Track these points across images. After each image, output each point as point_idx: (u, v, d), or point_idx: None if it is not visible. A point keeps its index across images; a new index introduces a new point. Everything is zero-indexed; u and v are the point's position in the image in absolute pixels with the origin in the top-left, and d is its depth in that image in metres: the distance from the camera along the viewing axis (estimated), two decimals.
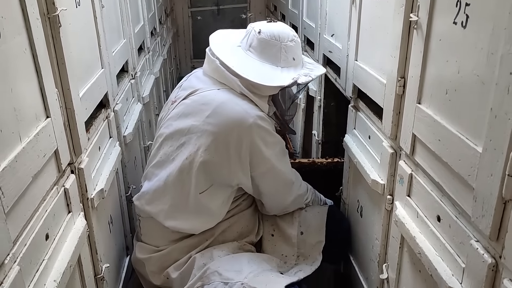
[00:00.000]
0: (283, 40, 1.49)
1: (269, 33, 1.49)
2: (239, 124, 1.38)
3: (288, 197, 1.58)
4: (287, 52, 1.50)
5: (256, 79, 1.43)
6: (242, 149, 1.39)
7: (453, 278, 0.94)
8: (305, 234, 1.58)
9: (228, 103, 1.42)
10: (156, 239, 1.52)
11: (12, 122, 0.85)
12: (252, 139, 1.40)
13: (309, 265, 1.53)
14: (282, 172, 1.52)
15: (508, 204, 0.76)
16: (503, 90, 0.74)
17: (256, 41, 1.50)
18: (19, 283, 0.82)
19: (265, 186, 1.51)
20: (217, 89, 1.48)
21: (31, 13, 0.94)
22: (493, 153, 0.78)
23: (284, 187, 1.56)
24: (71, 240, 1.08)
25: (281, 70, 1.49)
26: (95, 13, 1.43)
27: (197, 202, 1.43)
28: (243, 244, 1.53)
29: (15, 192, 0.83)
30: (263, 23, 1.55)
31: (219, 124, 1.39)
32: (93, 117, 1.38)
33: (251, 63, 1.49)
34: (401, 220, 1.16)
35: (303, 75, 1.50)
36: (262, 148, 1.42)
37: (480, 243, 0.86)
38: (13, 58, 0.88)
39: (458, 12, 0.89)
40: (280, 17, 3.41)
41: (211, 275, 1.38)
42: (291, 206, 1.62)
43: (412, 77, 1.10)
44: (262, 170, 1.46)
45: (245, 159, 1.41)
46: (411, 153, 1.12)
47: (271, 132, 1.45)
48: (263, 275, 1.36)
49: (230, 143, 1.38)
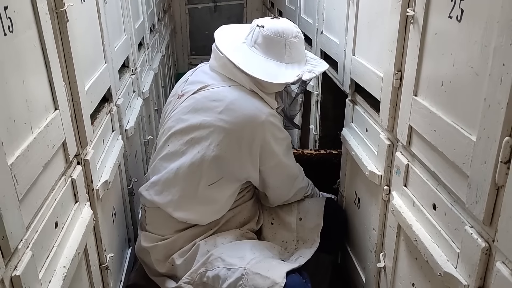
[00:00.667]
0: (287, 37, 1.52)
1: (274, 30, 1.52)
2: (252, 121, 1.43)
3: (292, 189, 1.64)
4: (291, 48, 1.53)
5: (262, 76, 1.46)
6: (254, 144, 1.44)
7: (448, 263, 0.98)
8: (303, 220, 1.63)
9: (241, 101, 1.46)
10: (162, 228, 1.55)
11: (24, 112, 0.88)
12: (264, 135, 1.44)
13: (308, 248, 1.57)
14: (288, 166, 1.58)
15: (500, 189, 0.80)
16: (496, 81, 0.78)
17: (260, 37, 1.53)
18: (32, 267, 0.85)
19: (271, 180, 1.56)
20: (228, 86, 1.51)
21: (40, 8, 0.97)
22: (487, 141, 0.81)
23: (289, 180, 1.62)
24: (79, 228, 1.11)
25: (285, 67, 1.52)
26: (99, 8, 1.46)
27: (206, 193, 1.47)
28: (245, 232, 1.57)
29: (27, 180, 0.86)
30: (267, 19, 1.58)
31: (232, 120, 1.43)
32: (97, 111, 1.41)
33: (256, 60, 1.51)
34: (398, 210, 1.20)
35: (307, 71, 1.53)
36: (272, 144, 1.47)
37: (474, 229, 0.90)
38: (25, 51, 0.91)
39: (453, 7, 0.92)
40: (277, 14, 3.44)
41: (215, 261, 1.41)
42: (292, 198, 1.67)
43: (408, 70, 1.13)
44: (271, 164, 1.51)
45: (255, 154, 1.45)
46: (407, 144, 1.16)
47: (281, 129, 1.51)
48: (265, 261, 1.40)
49: (243, 139, 1.43)
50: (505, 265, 0.80)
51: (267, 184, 1.56)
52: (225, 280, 1.36)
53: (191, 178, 1.46)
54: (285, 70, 1.51)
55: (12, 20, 0.85)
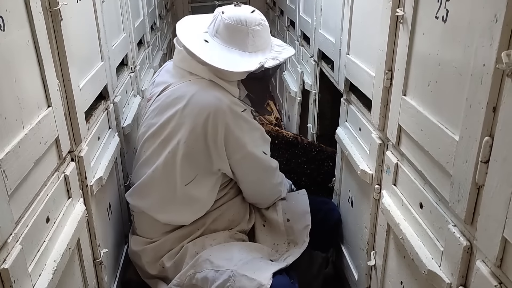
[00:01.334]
0: (250, 25, 1.45)
1: (236, 18, 1.45)
2: (213, 112, 1.40)
3: (266, 184, 1.61)
4: (255, 37, 1.47)
5: (222, 65, 1.41)
6: (218, 136, 1.41)
7: (433, 261, 0.99)
8: (291, 220, 1.62)
9: (200, 93, 1.43)
10: (149, 232, 1.57)
11: (15, 109, 0.90)
12: (227, 125, 1.41)
13: (297, 248, 1.57)
14: (260, 159, 1.53)
15: (481, 189, 0.81)
16: (477, 81, 0.79)
17: (222, 26, 1.47)
18: (21, 260, 0.87)
19: (241, 173, 1.53)
20: (188, 81, 1.48)
21: (33, 7, 0.99)
22: (468, 140, 0.82)
23: (262, 174, 1.57)
24: (71, 224, 1.13)
25: (249, 55, 1.46)
26: (95, 7, 1.48)
27: (185, 193, 1.47)
28: (234, 233, 1.57)
29: (17, 175, 0.88)
30: (230, 7, 1.51)
31: (194, 115, 1.41)
32: (93, 108, 1.43)
33: (217, 49, 1.47)
34: (387, 208, 1.21)
35: (271, 58, 1.47)
36: (238, 134, 1.43)
37: (457, 227, 0.91)
38: (17, 50, 0.92)
39: (439, 7, 0.93)
40: (279, 12, 3.45)
41: (203, 263, 1.43)
42: (268, 194, 1.65)
43: (398, 70, 1.14)
44: (237, 156, 1.47)
45: (221, 146, 1.43)
46: (397, 143, 1.17)
47: (246, 118, 1.46)
48: (252, 262, 1.41)
49: (207, 132, 1.41)
50: (484, 263, 0.81)
51: (237, 177, 1.53)
52: (214, 282, 1.38)
53: (168, 179, 1.47)
54: (249, 59, 1.46)
55: (4, 18, 0.87)
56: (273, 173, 1.61)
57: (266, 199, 1.66)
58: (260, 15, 1.51)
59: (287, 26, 2.99)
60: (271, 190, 1.64)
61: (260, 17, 1.50)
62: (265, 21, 1.52)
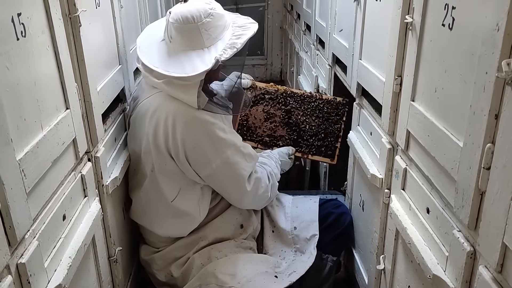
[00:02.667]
0: (198, 20, 1.37)
1: (182, 18, 1.37)
2: (171, 128, 1.39)
3: (242, 201, 1.57)
4: (208, 29, 1.38)
5: (178, 73, 1.35)
6: (179, 152, 1.40)
7: (438, 266, 1.00)
8: (298, 229, 1.64)
9: (160, 109, 1.41)
10: (155, 242, 1.62)
11: (35, 111, 0.95)
12: (185, 141, 1.39)
13: (304, 262, 1.57)
14: (233, 173, 1.48)
15: (484, 195, 0.82)
16: (480, 88, 0.80)
17: (173, 30, 1.40)
18: (38, 256, 0.91)
19: (216, 187, 1.53)
20: (150, 97, 1.46)
21: (54, 14, 1.04)
22: (472, 147, 0.83)
23: (235, 192, 1.53)
24: (86, 222, 1.18)
25: (208, 51, 1.38)
26: (114, 13, 1.52)
27: (173, 209, 1.50)
28: (240, 242, 1.59)
29: (35, 175, 0.93)
30: (177, 6, 1.44)
31: (156, 132, 1.41)
32: (110, 110, 1.47)
33: (174, 57, 1.40)
34: (395, 213, 1.22)
35: (228, 47, 1.37)
36: (200, 150, 1.41)
37: (461, 233, 0.92)
38: (37, 55, 0.97)
39: (446, 15, 0.95)
40: (296, 16, 3.47)
41: (208, 277, 1.46)
42: (252, 205, 1.62)
43: (407, 76, 1.16)
44: (205, 173, 1.45)
45: (184, 162, 1.42)
46: (405, 148, 1.18)
47: (208, 130, 1.40)
48: (256, 280, 1.44)
49: (170, 148, 1.41)
50: (487, 269, 0.82)
51: (217, 190, 1.54)
52: None
53: (156, 197, 1.49)
54: (209, 54, 1.37)
55: (25, 25, 0.91)
56: (248, 194, 1.53)
57: (253, 207, 1.65)
58: (208, 4, 1.41)
59: (304, 30, 3.01)
60: (252, 203, 1.61)
61: (208, 6, 1.40)
62: (215, 8, 1.41)
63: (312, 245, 1.60)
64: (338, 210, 1.75)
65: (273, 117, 1.94)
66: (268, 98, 1.96)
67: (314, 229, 1.63)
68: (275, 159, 1.72)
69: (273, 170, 1.65)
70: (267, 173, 1.61)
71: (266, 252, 1.66)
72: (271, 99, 1.96)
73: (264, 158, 1.69)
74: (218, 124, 1.43)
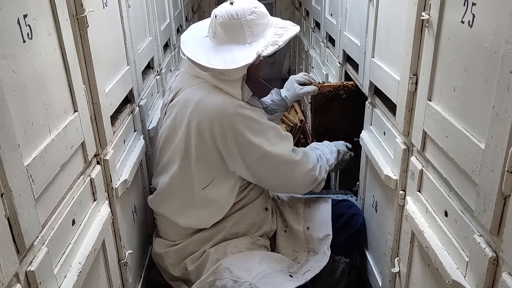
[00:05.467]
0: (242, 17, 1.45)
1: (227, 14, 1.46)
2: (219, 116, 1.41)
3: (293, 177, 1.56)
4: (251, 27, 1.45)
5: (219, 66, 1.41)
6: (228, 140, 1.42)
7: (457, 271, 0.97)
8: (311, 229, 1.62)
9: (206, 98, 1.44)
10: (172, 235, 1.60)
11: (42, 115, 0.93)
12: (235, 129, 1.41)
13: (318, 261, 1.55)
14: (279, 156, 1.50)
15: (507, 199, 0.79)
16: (504, 88, 0.76)
17: (217, 26, 1.48)
18: (47, 263, 0.90)
19: (262, 172, 1.52)
20: (194, 86, 1.50)
21: (60, 14, 1.02)
22: (494, 149, 0.80)
23: (285, 168, 1.53)
24: (96, 226, 1.16)
25: (249, 46, 1.45)
26: (122, 13, 1.51)
27: (203, 197, 1.49)
28: (256, 239, 1.57)
29: (44, 180, 0.91)
30: (223, 5, 1.51)
31: (201, 120, 1.42)
32: (118, 112, 1.46)
33: (216, 50, 1.46)
34: (411, 215, 1.19)
35: (270, 44, 1.44)
36: (249, 137, 1.43)
37: (483, 238, 0.88)
38: (44, 57, 0.95)
39: (465, 11, 0.91)
40: (305, 13, 3.43)
41: (223, 271, 1.44)
42: (300, 184, 1.60)
43: (423, 75, 1.12)
44: (254, 156, 1.46)
45: (232, 150, 1.43)
46: (421, 149, 1.15)
47: (255, 119, 1.45)
48: (271, 276, 1.41)
49: (216, 136, 1.42)
50: (511, 276, 0.79)
51: (259, 177, 1.53)
52: None
53: (185, 184, 1.49)
54: (250, 50, 1.44)
55: (32, 27, 0.89)
56: (298, 165, 1.55)
57: (299, 189, 1.64)
58: (253, 3, 1.49)
59: (313, 27, 2.97)
60: (301, 180, 1.58)
61: (253, 5, 1.48)
62: (258, 7, 1.49)
63: (325, 245, 1.58)
64: (350, 211, 1.72)
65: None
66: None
67: (328, 229, 1.61)
68: (330, 147, 1.74)
69: (324, 154, 1.68)
70: (316, 154, 1.65)
71: (278, 251, 1.65)
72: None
73: (317, 144, 1.75)
74: (259, 112, 1.50)
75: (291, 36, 1.49)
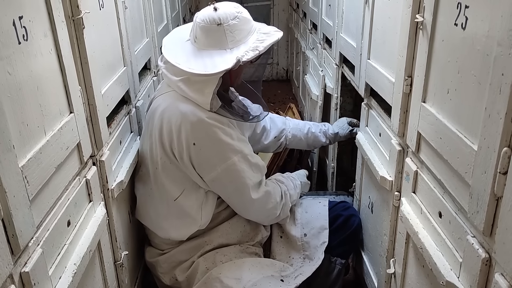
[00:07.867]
0: (224, 21, 1.40)
1: (209, 19, 1.41)
2: (177, 128, 1.39)
3: (247, 210, 1.54)
4: (233, 32, 1.41)
5: (199, 70, 1.37)
6: (184, 153, 1.40)
7: (451, 272, 0.97)
8: (308, 235, 1.61)
9: (170, 108, 1.42)
10: (160, 243, 1.60)
11: (37, 116, 0.93)
12: (189, 142, 1.39)
13: (311, 265, 1.55)
14: (236, 183, 1.45)
15: (500, 200, 0.79)
16: (496, 90, 0.77)
17: (198, 30, 1.44)
18: (42, 264, 0.90)
19: (220, 193, 1.51)
20: (164, 94, 1.49)
21: (56, 16, 1.02)
22: (487, 151, 0.80)
23: (239, 199, 1.51)
24: (91, 227, 1.16)
25: (230, 52, 1.41)
26: (118, 14, 1.51)
27: (176, 208, 1.48)
28: (245, 248, 1.56)
29: (39, 181, 0.91)
30: (205, 9, 1.47)
31: (162, 130, 1.42)
32: (115, 113, 1.46)
33: (197, 55, 1.43)
34: (406, 216, 1.20)
35: (251, 50, 1.40)
36: (206, 153, 1.40)
37: (476, 239, 0.89)
38: (40, 58, 0.95)
39: (458, 14, 0.92)
40: (302, 15, 3.44)
41: (213, 281, 1.44)
42: (261, 217, 1.58)
43: (418, 77, 1.13)
44: (210, 177, 1.43)
45: (188, 164, 1.41)
46: (416, 150, 1.15)
47: (215, 134, 1.39)
48: (262, 284, 1.42)
49: (174, 148, 1.41)
50: (503, 277, 0.79)
51: (221, 196, 1.52)
52: None
53: (159, 195, 1.49)
54: (230, 56, 1.39)
55: (27, 29, 0.90)
56: (254, 203, 1.50)
57: (261, 220, 1.60)
58: (236, 8, 1.46)
59: (310, 29, 2.98)
60: (258, 216, 1.57)
61: (236, 10, 1.44)
62: (241, 13, 1.45)
63: (321, 251, 1.58)
64: (346, 212, 1.72)
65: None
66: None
67: (324, 237, 1.60)
68: (294, 181, 1.70)
69: (289, 190, 1.63)
70: (281, 191, 1.59)
71: (273, 258, 1.63)
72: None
73: (283, 177, 1.68)
74: (225, 129, 1.42)
75: (272, 42, 1.45)
